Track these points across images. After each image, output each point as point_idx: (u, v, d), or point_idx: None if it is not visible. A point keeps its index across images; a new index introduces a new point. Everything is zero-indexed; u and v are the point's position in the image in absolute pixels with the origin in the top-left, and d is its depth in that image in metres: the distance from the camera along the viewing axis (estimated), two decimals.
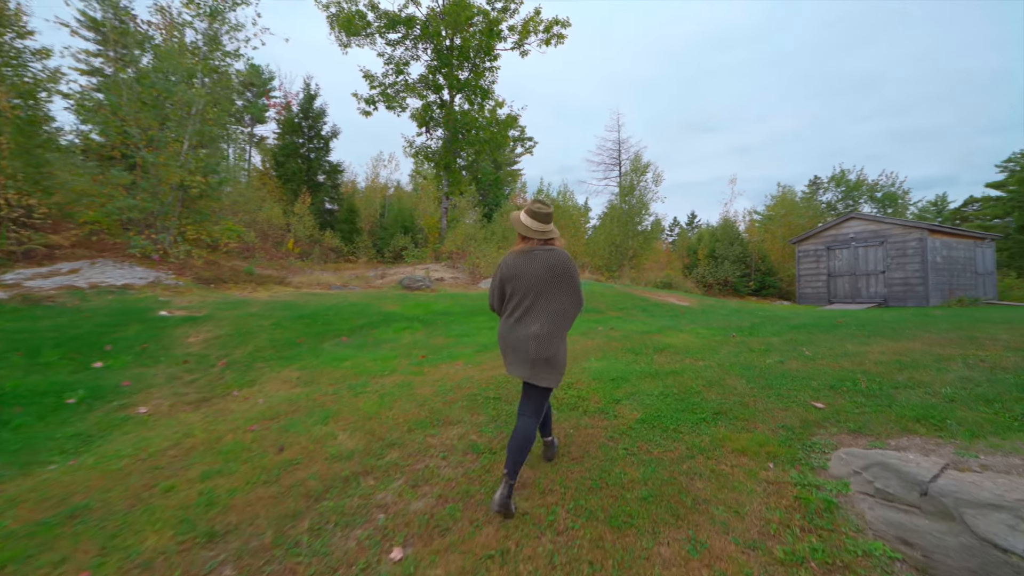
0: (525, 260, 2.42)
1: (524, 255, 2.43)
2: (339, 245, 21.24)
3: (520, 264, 2.42)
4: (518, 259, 2.43)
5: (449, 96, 18.46)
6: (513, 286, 2.43)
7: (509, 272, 2.43)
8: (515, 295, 2.43)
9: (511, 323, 2.43)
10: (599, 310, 8.99)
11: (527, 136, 43.23)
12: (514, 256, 2.46)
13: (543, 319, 2.39)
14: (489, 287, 2.59)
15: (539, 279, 2.38)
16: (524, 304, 2.40)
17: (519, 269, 2.41)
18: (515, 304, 2.43)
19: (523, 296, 2.40)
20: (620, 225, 23.74)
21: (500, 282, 2.48)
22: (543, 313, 2.39)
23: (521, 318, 2.40)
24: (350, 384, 4.25)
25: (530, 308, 2.39)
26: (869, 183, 42.77)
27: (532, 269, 2.39)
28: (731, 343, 5.37)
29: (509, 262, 2.45)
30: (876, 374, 3.64)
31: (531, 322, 2.39)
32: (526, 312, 2.40)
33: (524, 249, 2.45)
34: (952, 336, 4.99)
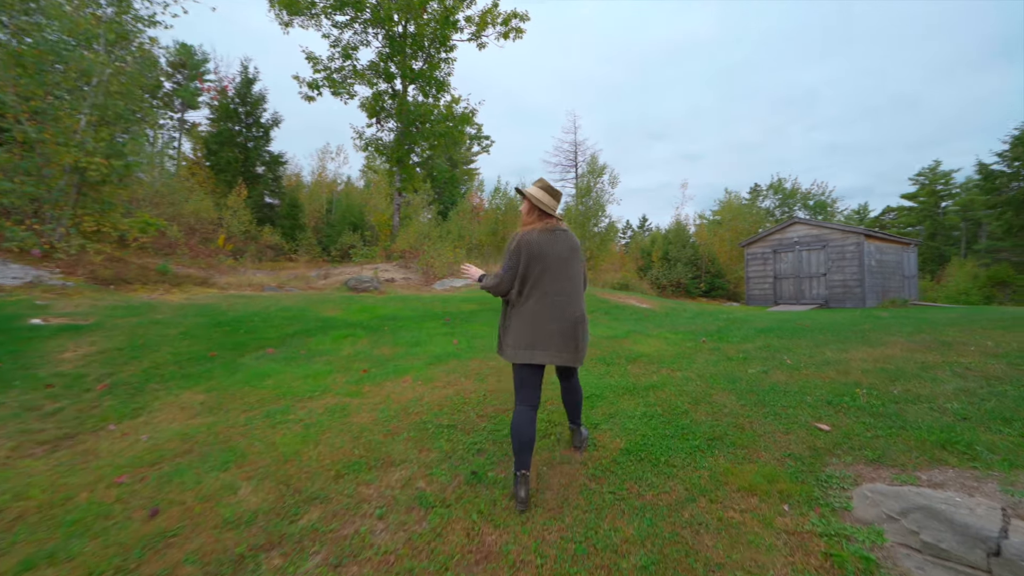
0: (551, 239, 2.30)
1: (549, 234, 2.31)
2: (279, 242, 19.61)
3: (546, 243, 2.28)
4: (544, 237, 2.29)
5: (402, 86, 17.47)
6: (541, 267, 2.26)
7: (536, 251, 2.26)
8: (544, 277, 2.27)
9: (545, 308, 2.25)
10: None
11: (484, 135, 42.63)
12: (536, 233, 2.30)
13: (577, 301, 2.32)
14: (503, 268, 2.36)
15: (565, 260, 2.30)
16: (556, 286, 2.27)
17: (545, 249, 2.27)
18: (544, 287, 2.26)
19: (553, 278, 2.27)
20: (577, 226, 23.63)
21: (525, 260, 2.27)
22: (575, 296, 2.32)
23: (556, 302, 2.26)
24: (268, 411, 3.43)
25: (560, 290, 2.28)
26: (803, 191, 45.71)
27: (558, 250, 2.30)
28: (704, 350, 5.02)
29: (534, 240, 2.28)
30: (869, 386, 3.32)
31: (569, 304, 2.28)
32: (560, 295, 2.27)
33: (547, 227, 2.32)
34: (920, 340, 4.89)
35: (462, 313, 7.93)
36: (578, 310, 2.32)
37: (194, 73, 32.37)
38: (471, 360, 4.82)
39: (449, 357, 4.97)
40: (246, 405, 3.58)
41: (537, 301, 2.27)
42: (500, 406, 3.38)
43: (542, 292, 2.27)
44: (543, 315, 2.26)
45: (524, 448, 2.18)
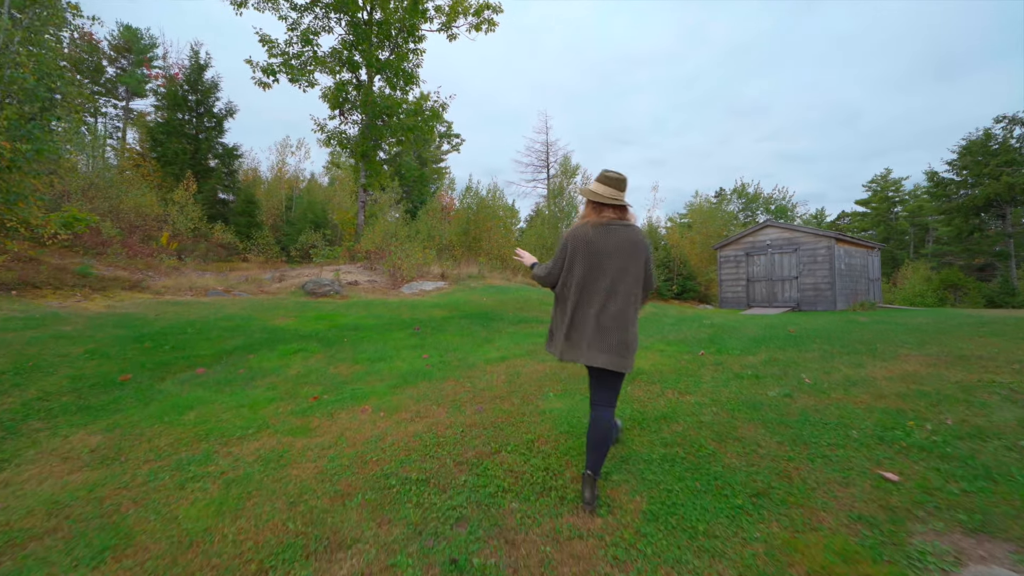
0: (603, 234, 2.17)
1: (601, 228, 2.18)
2: (233, 241, 18.17)
3: (595, 238, 2.17)
4: (594, 232, 2.18)
5: (368, 77, 16.48)
6: (588, 263, 2.17)
7: (581, 246, 2.18)
8: (591, 273, 2.17)
9: (588, 306, 2.17)
10: (541, 320, 7.90)
11: (454, 133, 41.72)
12: (587, 228, 2.20)
13: (622, 301, 2.16)
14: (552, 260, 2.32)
15: (616, 256, 2.15)
16: (599, 284, 2.16)
17: (595, 244, 2.16)
18: (590, 284, 2.17)
19: (600, 275, 2.16)
20: (551, 227, 23.19)
21: (571, 256, 2.22)
22: (622, 294, 2.16)
23: (600, 300, 2.16)
24: (181, 459, 2.63)
25: (607, 289, 2.15)
26: (765, 196, 47.22)
27: (609, 245, 2.16)
28: (707, 365, 4.51)
29: (581, 234, 2.20)
30: (916, 415, 2.85)
31: (611, 305, 2.15)
32: (605, 293, 2.15)
33: (600, 222, 2.19)
34: (934, 354, 4.54)
35: (433, 321, 7.19)
36: (626, 309, 2.15)
37: (140, 59, 30.02)
38: (445, 381, 4.12)
39: (418, 377, 4.25)
40: (153, 451, 2.76)
41: (578, 298, 2.19)
42: (483, 448, 2.71)
43: (585, 289, 2.18)
44: (582, 313, 2.17)
45: (589, 448, 2.14)
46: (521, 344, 5.83)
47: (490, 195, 24.21)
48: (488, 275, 14.88)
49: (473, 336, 6.33)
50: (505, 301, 9.42)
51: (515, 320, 7.72)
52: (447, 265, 14.01)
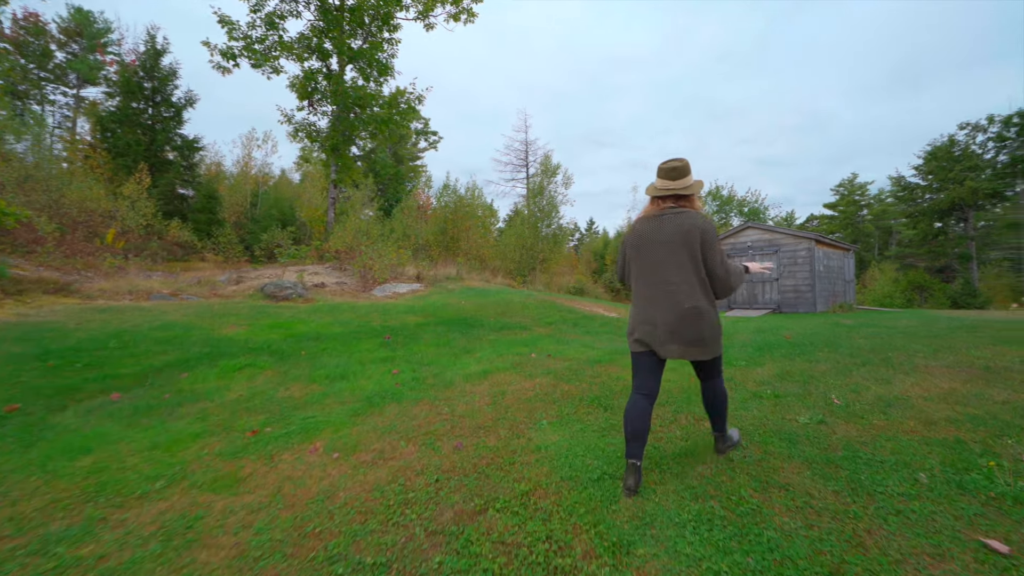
0: (654, 225, 2.17)
1: (651, 220, 2.19)
2: (190, 239, 16.93)
3: (647, 231, 2.18)
4: (645, 225, 2.20)
5: (339, 66, 15.58)
6: (643, 256, 2.18)
7: (635, 240, 2.22)
8: (647, 266, 2.16)
9: (646, 300, 2.18)
10: (524, 326, 7.31)
11: (431, 130, 40.81)
12: (640, 222, 2.24)
13: (686, 291, 2.07)
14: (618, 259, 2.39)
15: (669, 245, 2.10)
16: (657, 275, 2.13)
17: (646, 236, 2.18)
18: (650, 276, 2.16)
19: (657, 266, 2.13)
20: (530, 227, 22.69)
21: (629, 252, 2.27)
22: (684, 284, 2.08)
23: (663, 293, 2.11)
24: (48, 536, 1.92)
25: (664, 280, 2.10)
26: (739, 199, 48.11)
27: (661, 235, 2.13)
28: (730, 381, 4.00)
29: (634, 229, 2.26)
30: (982, 447, 2.39)
31: (675, 296, 2.08)
32: (661, 284, 2.11)
33: (652, 214, 2.21)
34: (953, 364, 4.17)
35: (406, 328, 6.50)
36: (685, 299, 2.09)
37: (93, 43, 28.03)
38: (417, 404, 3.48)
39: (386, 399, 3.59)
40: (13, 520, 2.03)
41: (642, 290, 2.21)
42: (464, 505, 2.09)
43: (645, 281, 2.20)
44: (647, 304, 2.18)
45: (634, 437, 2.13)
46: (504, 355, 5.22)
47: (468, 194, 23.55)
48: (466, 276, 14.22)
49: (451, 346, 5.68)
50: (485, 305, 8.80)
51: (496, 326, 7.11)
52: (423, 266, 13.28)
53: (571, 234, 32.10)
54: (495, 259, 21.74)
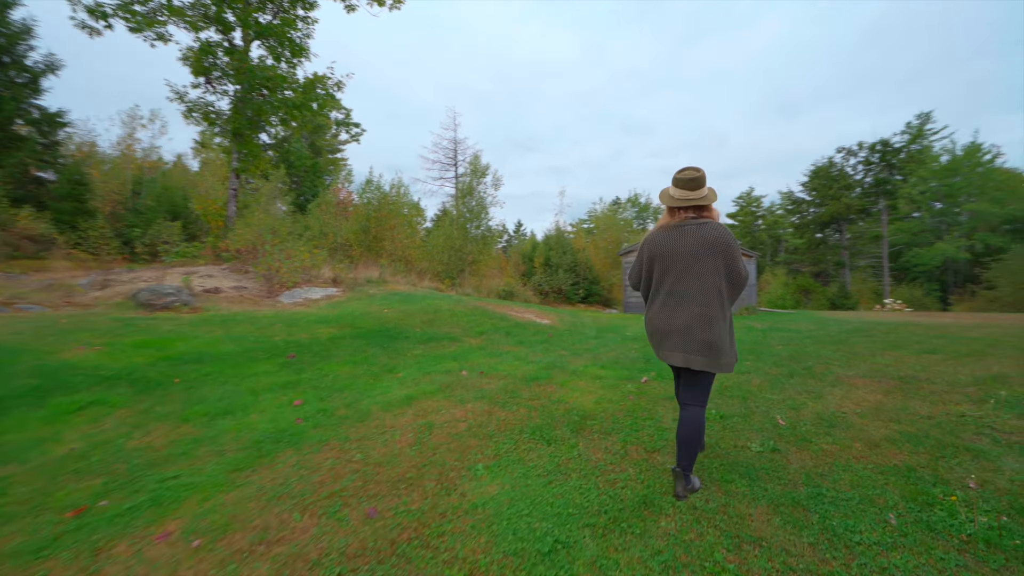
0: (675, 236, 2.18)
1: (673, 230, 2.20)
2: (47, 232, 14.07)
3: (669, 241, 2.20)
4: (666, 235, 2.21)
5: (244, 41, 13.82)
6: (663, 266, 2.21)
7: (656, 250, 2.24)
8: (666, 276, 2.21)
9: (664, 309, 2.22)
10: (454, 337, 6.76)
11: (353, 121, 38.52)
12: (660, 232, 2.25)
13: (700, 300, 2.12)
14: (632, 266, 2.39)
15: (691, 257, 2.13)
16: (678, 286, 2.17)
17: (667, 247, 2.19)
18: (667, 286, 2.21)
19: (676, 277, 2.17)
20: (459, 228, 22.05)
21: (647, 262, 2.30)
22: (699, 294, 2.12)
23: (677, 302, 2.17)
24: None
25: (685, 290, 2.15)
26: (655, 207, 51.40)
27: (683, 246, 2.15)
28: (658, 398, 3.79)
29: (655, 239, 2.26)
30: (930, 474, 2.32)
31: (688, 305, 2.14)
32: (681, 295, 2.16)
33: (672, 224, 2.22)
34: (869, 373, 4.37)
35: (316, 343, 5.66)
36: (704, 309, 2.10)
37: None
38: (322, 448, 2.82)
39: (282, 443, 2.88)
40: None
41: (662, 301, 2.23)
42: None
43: (667, 292, 2.21)
44: (666, 315, 2.20)
45: (679, 445, 2.21)
46: (432, 374, 4.65)
47: (394, 191, 22.32)
48: (391, 279, 13.28)
49: (369, 364, 4.98)
50: (411, 312, 8.10)
51: (423, 338, 6.48)
52: (341, 268, 12.13)
53: (500, 236, 31.93)
54: (422, 260, 20.81)
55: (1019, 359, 4.88)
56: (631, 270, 2.43)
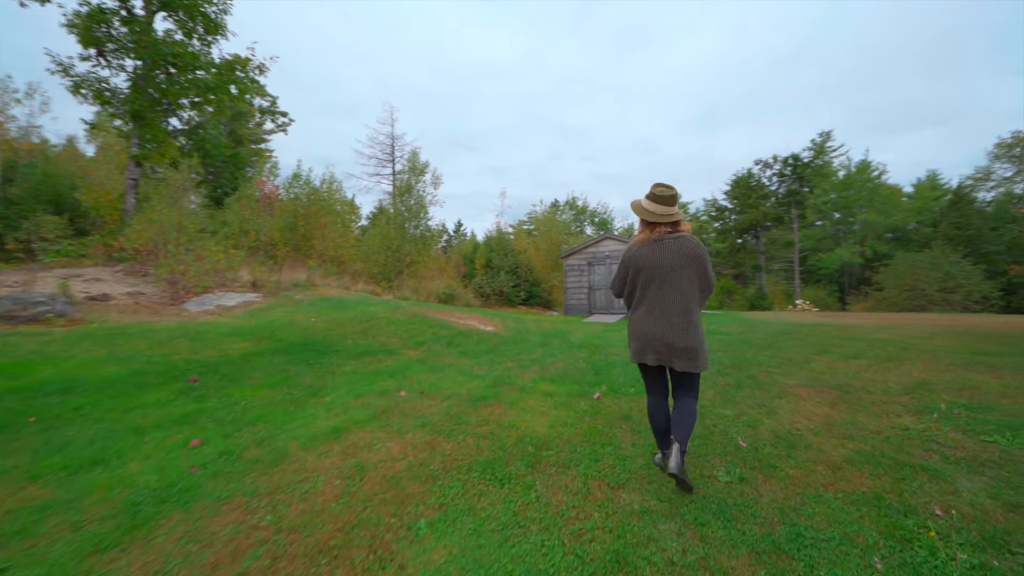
0: (656, 249, 2.38)
1: (653, 244, 2.40)
2: None
3: (651, 254, 2.39)
4: (648, 249, 2.40)
5: (146, 11, 12.14)
6: (646, 277, 2.40)
7: (640, 263, 2.42)
8: (649, 286, 2.40)
9: (648, 316, 2.41)
10: (391, 349, 6.20)
11: (279, 110, 35.92)
12: (643, 246, 2.43)
13: (681, 308, 2.33)
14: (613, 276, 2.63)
15: (671, 268, 2.34)
16: (660, 295, 2.37)
17: (650, 259, 2.38)
18: (651, 296, 2.40)
19: (658, 287, 2.37)
20: (397, 227, 21.10)
21: (631, 274, 2.48)
22: (680, 302, 2.34)
23: (660, 310, 2.37)
24: None
25: (666, 300, 2.35)
26: (591, 210, 53.00)
27: (664, 259, 2.36)
28: (614, 418, 3.57)
29: (639, 253, 2.44)
30: (897, 501, 2.25)
31: (671, 313, 2.34)
32: (663, 304, 2.36)
33: (652, 238, 2.41)
34: (808, 383, 4.48)
35: (227, 362, 4.89)
36: (685, 316, 2.33)
37: None
38: (222, 508, 2.25)
39: (167, 505, 2.27)
40: None
41: (645, 311, 2.42)
42: None
43: (649, 302, 2.40)
44: (643, 324, 2.41)
45: (662, 432, 2.51)
46: (365, 396, 4.12)
47: (325, 186, 20.87)
48: (321, 282, 12.27)
49: (291, 386, 4.34)
50: (343, 321, 7.39)
51: (356, 351, 5.87)
52: (263, 270, 10.97)
53: (440, 236, 31.11)
54: (356, 262, 19.64)
55: (931, 363, 5.27)
56: (615, 280, 2.61)
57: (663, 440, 2.51)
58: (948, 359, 5.49)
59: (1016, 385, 4.19)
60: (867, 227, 37.68)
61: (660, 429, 2.51)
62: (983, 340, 7.32)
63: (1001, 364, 5.15)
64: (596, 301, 18.51)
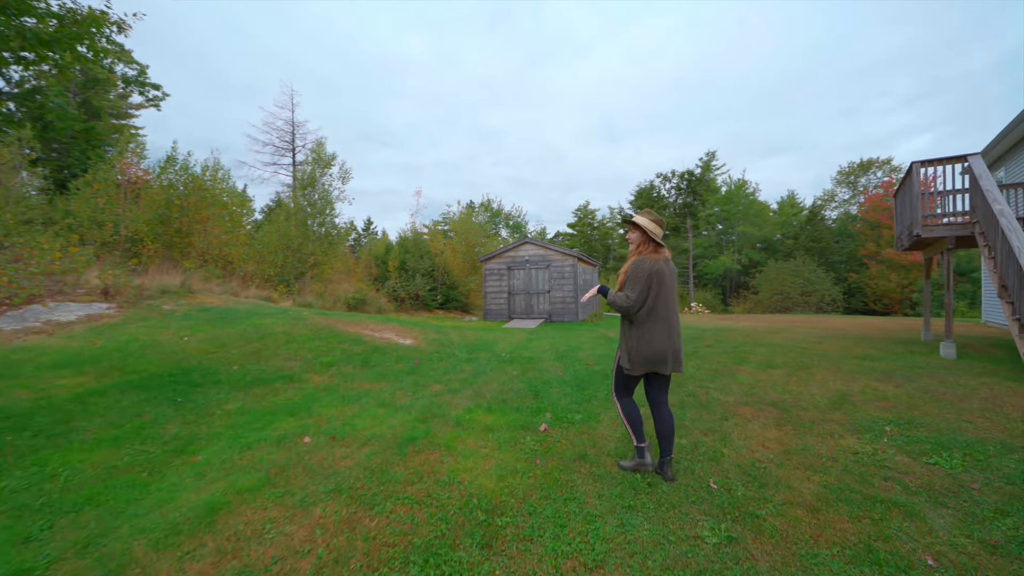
0: (666, 269, 2.75)
1: (664, 264, 2.76)
2: None
3: (664, 272, 2.73)
4: (663, 267, 2.74)
5: None
6: (659, 292, 2.70)
7: (659, 279, 2.70)
8: (659, 300, 2.70)
9: (664, 329, 2.71)
10: (291, 375, 5.15)
11: (151, 82, 30.87)
12: (660, 264, 2.73)
13: (677, 320, 2.78)
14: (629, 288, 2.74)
15: (671, 286, 2.76)
16: (669, 308, 2.73)
17: (663, 277, 2.73)
18: (661, 307, 2.71)
19: (667, 300, 2.73)
20: (299, 223, 18.97)
21: (655, 288, 2.69)
22: (675, 315, 2.77)
23: (670, 324, 2.72)
24: None
25: (671, 313, 2.74)
26: (506, 212, 53.46)
27: (668, 277, 2.75)
28: (567, 459, 3.12)
29: (661, 270, 2.72)
30: (885, 553, 2.07)
31: (675, 324, 2.75)
32: (672, 317, 2.74)
33: (663, 257, 2.77)
34: (745, 399, 4.47)
35: (47, 408, 3.57)
36: (677, 327, 2.77)
37: None
38: None
39: None
40: None
41: (656, 323, 2.71)
42: None
43: (660, 315, 2.71)
44: (660, 335, 2.70)
45: (662, 438, 2.80)
46: (257, 447, 3.20)
47: (209, 174, 18.01)
48: (201, 288, 10.34)
49: (146, 440, 3.24)
50: (227, 340, 6.09)
51: (244, 380, 4.76)
52: (119, 273, 8.86)
53: (348, 234, 28.84)
54: (249, 262, 17.22)
55: (834, 371, 5.67)
56: (637, 293, 2.70)
57: (642, 432, 2.85)
58: (846, 366, 5.97)
59: (913, 393, 4.57)
60: (743, 238, 42.76)
61: (641, 422, 2.87)
62: (857, 343, 8.27)
63: (888, 370, 5.70)
64: (516, 306, 18.33)
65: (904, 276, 29.10)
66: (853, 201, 42.54)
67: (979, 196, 6.55)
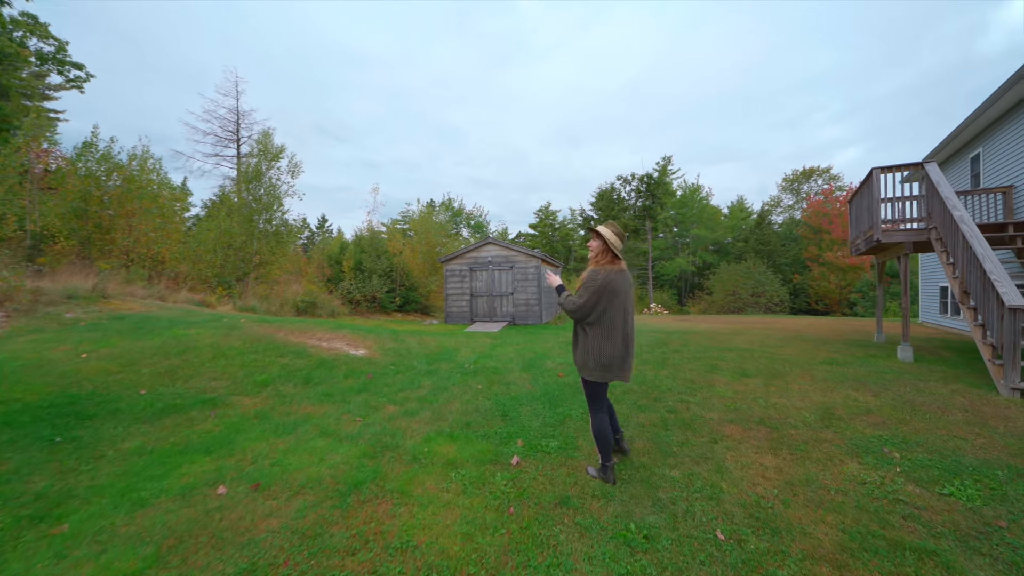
0: (621, 279, 2.78)
1: (620, 274, 2.79)
2: None
3: (619, 283, 2.76)
4: (618, 277, 2.77)
5: None
6: (614, 302, 2.74)
7: (613, 288, 2.74)
8: (617, 311, 2.75)
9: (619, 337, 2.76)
10: (213, 397, 4.36)
11: (71, 60, 27.97)
12: (614, 275, 2.76)
13: (631, 329, 2.81)
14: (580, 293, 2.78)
15: (627, 295, 2.80)
16: (626, 319, 2.77)
17: (618, 287, 2.76)
18: (618, 319, 2.76)
19: (624, 312, 2.77)
20: (243, 221, 17.49)
21: (607, 297, 2.73)
22: (631, 324, 2.80)
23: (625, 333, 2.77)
24: None
25: (627, 323, 2.77)
26: (467, 212, 52.77)
27: (625, 288, 2.79)
28: (547, 501, 2.62)
29: (615, 279, 2.75)
30: None
31: (630, 333, 2.79)
32: (627, 327, 2.78)
33: (620, 268, 2.80)
34: (725, 416, 4.15)
35: None
36: (631, 337, 2.80)
37: None
38: None
39: None
40: None
41: (610, 331, 2.75)
42: None
43: (613, 324, 2.75)
44: (614, 343, 2.74)
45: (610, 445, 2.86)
46: (152, 505, 2.49)
47: (138, 164, 16.20)
48: (119, 292, 9.07)
49: None
50: (138, 355, 5.17)
51: (153, 408, 3.94)
52: (13, 274, 7.54)
53: (300, 233, 27.18)
54: (184, 262, 15.63)
55: (809, 380, 5.52)
56: (587, 302, 2.72)
57: (609, 452, 2.86)
58: (818, 374, 5.85)
59: (893, 404, 4.43)
60: (697, 240, 44.21)
61: (610, 443, 2.86)
62: (818, 347, 8.33)
63: (858, 376, 5.62)
64: (478, 308, 17.75)
65: (842, 278, 30.97)
66: (796, 207, 45.02)
67: (937, 202, 6.66)
